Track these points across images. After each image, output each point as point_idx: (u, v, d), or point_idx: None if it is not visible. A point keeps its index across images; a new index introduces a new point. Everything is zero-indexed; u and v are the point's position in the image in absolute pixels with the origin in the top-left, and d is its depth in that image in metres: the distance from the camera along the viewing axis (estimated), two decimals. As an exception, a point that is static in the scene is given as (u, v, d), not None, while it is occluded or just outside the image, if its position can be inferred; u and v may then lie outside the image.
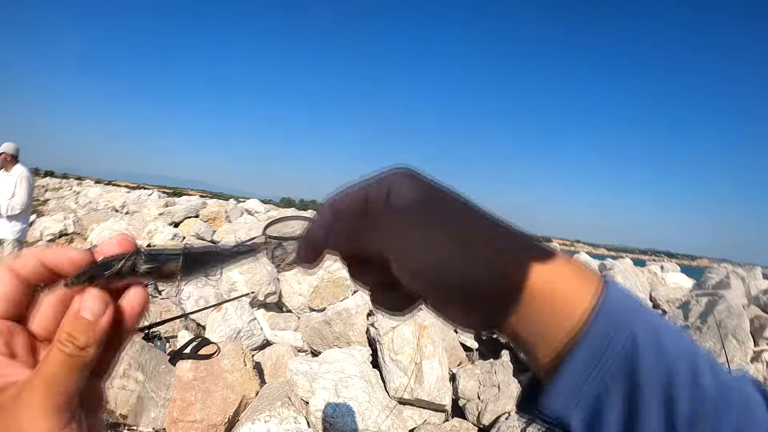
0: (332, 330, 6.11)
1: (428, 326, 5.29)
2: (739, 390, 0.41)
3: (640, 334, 0.40)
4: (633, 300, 0.42)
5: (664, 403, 0.39)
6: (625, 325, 0.40)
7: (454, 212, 0.43)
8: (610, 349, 0.40)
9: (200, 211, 14.38)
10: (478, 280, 0.41)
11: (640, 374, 0.39)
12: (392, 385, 4.95)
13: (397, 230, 0.42)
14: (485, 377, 5.31)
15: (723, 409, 0.40)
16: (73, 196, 25.74)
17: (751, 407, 0.41)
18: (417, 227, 0.41)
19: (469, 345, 6.94)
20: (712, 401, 0.39)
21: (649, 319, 0.41)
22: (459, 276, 0.41)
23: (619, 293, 0.42)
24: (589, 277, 0.43)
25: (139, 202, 18.85)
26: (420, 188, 0.43)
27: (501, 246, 0.42)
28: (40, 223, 12.53)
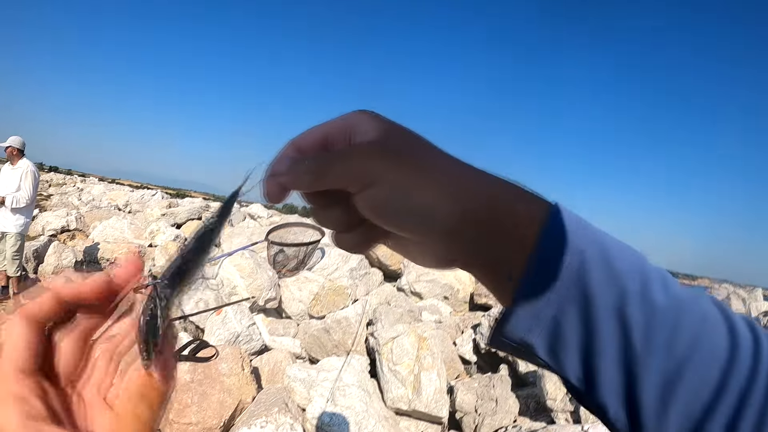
0: (331, 338, 6.09)
1: (428, 338, 5.27)
2: (695, 303, 0.43)
3: (588, 252, 0.42)
4: (580, 220, 0.45)
5: (618, 319, 0.42)
6: (574, 245, 0.43)
7: (414, 146, 0.45)
8: (562, 271, 0.42)
9: (203, 214, 14.38)
10: (436, 207, 0.43)
11: (593, 293, 0.42)
12: (390, 396, 4.92)
13: (360, 163, 0.43)
14: (483, 391, 5.29)
15: (678, 319, 0.42)
16: (77, 192, 25.76)
17: (709, 319, 0.42)
18: (379, 159, 0.43)
19: (468, 358, 6.90)
20: (665, 313, 0.42)
21: (597, 238, 0.44)
22: (419, 204, 0.43)
23: (566, 214, 0.44)
24: (536, 200, 0.46)
25: (142, 202, 18.87)
26: (382, 125, 0.46)
27: (456, 174, 0.45)
28: (43, 218, 12.52)
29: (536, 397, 5.62)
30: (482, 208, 0.44)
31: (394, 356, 5.11)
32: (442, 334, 6.39)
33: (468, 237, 0.44)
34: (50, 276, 8.31)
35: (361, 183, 0.43)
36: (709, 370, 0.41)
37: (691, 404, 0.41)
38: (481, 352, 6.96)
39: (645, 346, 0.41)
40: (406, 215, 0.44)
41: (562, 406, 5.14)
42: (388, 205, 0.43)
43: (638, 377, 0.41)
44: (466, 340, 7.05)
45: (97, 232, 11.40)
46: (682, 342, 0.41)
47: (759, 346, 0.41)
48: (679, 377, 0.41)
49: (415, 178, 0.43)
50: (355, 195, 0.44)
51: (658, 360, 0.41)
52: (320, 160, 0.45)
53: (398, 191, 0.43)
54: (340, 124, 0.47)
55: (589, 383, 0.44)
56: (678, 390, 0.41)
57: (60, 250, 8.79)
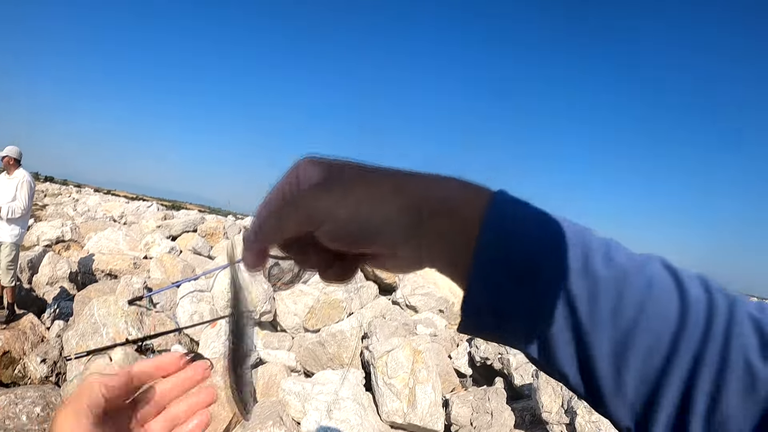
0: (326, 351, 6.08)
1: (423, 351, 5.26)
2: (640, 270, 0.45)
3: (529, 233, 0.45)
4: (521, 203, 0.48)
5: (562, 293, 0.44)
6: (515, 228, 0.46)
7: (351, 175, 0.49)
8: (504, 253, 0.45)
9: (198, 226, 14.36)
10: (383, 218, 0.47)
11: (537, 272, 0.44)
12: (385, 409, 4.91)
13: (307, 205, 0.47)
14: (478, 404, 5.28)
15: (621, 289, 0.43)
16: (72, 203, 25.71)
17: (655, 285, 0.44)
18: (322, 196, 0.47)
19: (463, 371, 6.89)
20: (608, 284, 0.44)
21: (538, 218, 0.47)
22: (368, 222, 0.47)
23: (508, 199, 0.47)
24: (477, 190, 0.49)
25: (137, 213, 18.84)
26: (319, 166, 0.50)
27: (393, 184, 0.48)
28: (38, 228, 12.49)
29: (531, 410, 5.60)
30: (424, 207, 0.47)
31: (389, 369, 5.10)
32: (437, 347, 6.38)
33: (423, 234, 0.47)
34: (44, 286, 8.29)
35: (314, 222, 0.47)
36: (659, 334, 0.43)
37: (645, 369, 0.43)
38: (476, 365, 6.94)
39: (590, 317, 0.44)
40: (362, 236, 0.47)
41: (557, 418, 5.12)
42: (343, 232, 0.47)
43: (589, 347, 0.44)
44: (461, 353, 7.04)
45: (92, 243, 11.37)
46: (628, 310, 0.43)
47: (713, 307, 0.43)
48: (628, 344, 0.43)
49: (359, 201, 0.47)
50: (316, 233, 0.48)
51: (606, 329, 0.43)
52: (277, 215, 0.49)
53: (347, 218, 0.46)
54: (289, 176, 0.51)
55: (546, 356, 0.46)
56: (629, 356, 0.43)
57: (55, 260, 8.76)
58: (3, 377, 5.59)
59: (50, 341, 6.16)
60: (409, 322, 7.17)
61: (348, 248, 0.49)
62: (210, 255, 11.88)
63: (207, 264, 10.23)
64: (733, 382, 0.41)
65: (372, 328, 6.24)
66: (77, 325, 5.69)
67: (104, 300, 5.82)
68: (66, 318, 6.83)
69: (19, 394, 4.50)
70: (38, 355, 5.78)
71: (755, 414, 0.40)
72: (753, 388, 0.40)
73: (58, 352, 5.82)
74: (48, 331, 6.58)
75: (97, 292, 6.89)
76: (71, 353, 5.41)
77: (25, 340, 6.18)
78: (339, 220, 0.47)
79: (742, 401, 0.41)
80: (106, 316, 5.61)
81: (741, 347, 0.41)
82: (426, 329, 7.39)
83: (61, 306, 7.24)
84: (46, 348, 5.92)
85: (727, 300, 0.44)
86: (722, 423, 0.41)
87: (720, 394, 0.41)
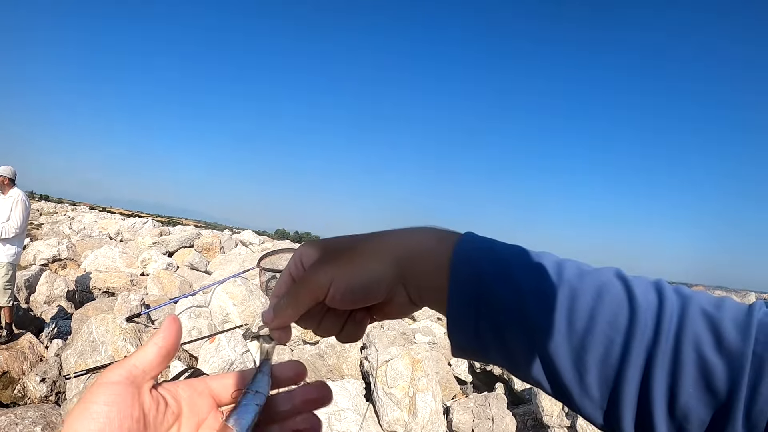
0: (325, 363, 6.07)
1: (422, 360, 5.27)
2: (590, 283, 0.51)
3: (487, 267, 0.54)
4: (484, 241, 0.57)
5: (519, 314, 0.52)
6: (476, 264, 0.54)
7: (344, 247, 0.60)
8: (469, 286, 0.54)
9: (195, 241, 14.36)
10: (377, 274, 0.57)
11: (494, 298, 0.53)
12: (386, 419, 4.90)
13: (314, 278, 0.57)
14: (479, 410, 5.28)
15: (572, 302, 0.50)
16: (68, 221, 25.66)
17: (605, 294, 0.50)
18: (325, 269, 0.57)
19: (463, 378, 6.89)
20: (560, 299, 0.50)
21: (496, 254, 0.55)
22: (366, 279, 0.57)
23: (470, 243, 0.57)
24: (445, 238, 0.58)
25: (133, 230, 18.84)
26: (318, 245, 0.61)
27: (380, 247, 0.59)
28: (34, 247, 12.47)
29: (533, 414, 5.61)
30: (404, 261, 0.58)
31: (388, 379, 5.10)
32: (436, 355, 6.39)
33: (409, 281, 0.58)
34: (42, 305, 8.26)
35: (323, 291, 0.57)
36: (611, 338, 0.48)
37: (604, 371, 0.48)
38: (476, 371, 6.95)
39: (548, 331, 0.50)
40: (364, 290, 0.57)
41: (558, 422, 5.13)
42: (348, 292, 0.57)
43: (551, 357, 0.50)
44: (461, 361, 7.04)
45: (89, 261, 11.35)
46: (580, 319, 0.49)
47: (662, 306, 0.48)
48: (584, 350, 0.49)
49: (352, 266, 0.57)
50: (327, 301, 0.58)
51: (563, 339, 0.50)
52: (291, 293, 0.59)
53: (348, 280, 0.56)
54: (294, 260, 0.62)
55: (517, 368, 0.55)
56: (587, 360, 0.49)
57: (52, 279, 8.74)
58: (3, 397, 5.57)
59: (49, 360, 6.14)
60: (408, 331, 7.17)
61: (354, 305, 0.59)
62: (207, 270, 11.88)
63: (204, 279, 10.22)
64: (689, 376, 0.45)
65: (370, 338, 6.24)
66: (76, 344, 5.68)
67: (102, 318, 5.82)
68: (64, 337, 6.82)
69: (19, 414, 4.49)
70: (37, 374, 5.76)
71: (715, 406, 0.44)
72: (710, 381, 0.44)
73: (58, 371, 5.81)
74: (46, 350, 6.56)
75: (94, 310, 6.88)
76: (70, 372, 5.40)
77: (24, 360, 6.16)
78: (341, 285, 0.56)
79: (700, 394, 0.44)
80: (104, 334, 5.60)
81: (693, 343, 0.45)
82: (425, 338, 7.40)
83: (59, 325, 7.22)
84: (45, 367, 5.90)
85: (681, 300, 0.49)
86: (684, 416, 0.45)
87: (677, 388, 0.45)
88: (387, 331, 6.56)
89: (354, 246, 0.60)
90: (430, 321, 8.37)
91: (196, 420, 0.52)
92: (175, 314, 0.58)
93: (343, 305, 0.58)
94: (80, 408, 0.44)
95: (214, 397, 0.55)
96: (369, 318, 0.63)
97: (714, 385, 0.44)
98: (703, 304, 0.47)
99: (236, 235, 16.96)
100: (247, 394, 0.52)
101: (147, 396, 0.48)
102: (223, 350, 5.71)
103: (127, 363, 0.48)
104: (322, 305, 0.59)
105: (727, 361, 0.44)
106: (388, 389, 5.05)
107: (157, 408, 0.49)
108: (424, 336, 7.46)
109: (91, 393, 0.45)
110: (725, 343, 0.44)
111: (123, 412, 0.45)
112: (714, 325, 0.45)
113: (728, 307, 0.47)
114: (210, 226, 37.34)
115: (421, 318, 8.50)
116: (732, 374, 0.43)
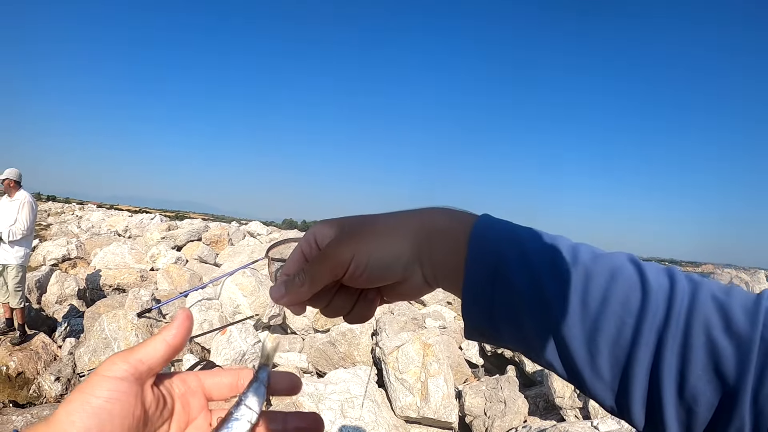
0: (337, 350, 6.10)
1: (432, 345, 5.28)
2: (603, 266, 0.51)
3: (506, 247, 0.54)
4: (501, 222, 0.57)
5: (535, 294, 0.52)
6: (494, 244, 0.55)
7: (362, 223, 0.60)
8: (486, 267, 0.54)
9: (203, 235, 14.40)
10: (397, 249, 0.58)
11: (510, 279, 0.53)
12: (398, 404, 4.93)
13: (335, 255, 0.58)
14: (491, 393, 5.29)
15: (586, 284, 0.50)
16: (76, 220, 25.79)
17: (618, 277, 0.50)
18: (345, 245, 0.58)
19: (474, 361, 6.91)
20: (575, 281, 0.51)
21: (514, 234, 0.55)
22: (386, 254, 0.57)
23: (488, 223, 0.57)
24: (463, 217, 0.59)
25: (141, 226, 18.89)
26: (335, 223, 0.61)
27: (399, 222, 0.59)
28: (43, 248, 12.55)
29: (545, 396, 5.62)
30: (424, 240, 0.58)
31: (400, 365, 5.12)
32: (447, 339, 6.40)
33: (425, 260, 0.58)
34: (54, 305, 8.32)
35: (343, 267, 0.57)
36: (623, 319, 0.48)
37: (615, 352, 0.49)
38: (487, 354, 6.96)
39: (562, 311, 0.50)
40: (384, 267, 0.58)
41: (570, 403, 5.14)
42: (369, 268, 0.57)
43: (565, 338, 0.51)
44: (472, 344, 7.06)
45: (98, 259, 11.42)
46: (593, 301, 0.50)
47: (674, 289, 0.48)
48: (597, 331, 0.49)
49: (373, 242, 0.58)
50: (345, 278, 0.58)
51: (576, 320, 0.50)
52: (307, 271, 0.59)
53: (369, 256, 0.57)
54: (307, 239, 0.62)
55: (530, 350, 0.55)
56: (600, 342, 0.49)
57: (62, 279, 8.81)
58: (19, 398, 5.63)
59: (63, 359, 6.20)
60: (418, 316, 7.19)
61: (373, 283, 0.59)
62: (216, 262, 11.92)
63: (213, 272, 10.27)
64: (698, 359, 0.45)
65: (381, 324, 6.26)
66: (88, 342, 5.73)
67: (113, 314, 5.86)
68: (77, 335, 6.88)
69: (36, 414, 4.54)
70: (52, 373, 5.81)
71: (723, 389, 0.44)
72: (718, 364, 0.44)
73: (72, 369, 5.86)
74: (60, 349, 6.62)
75: (106, 307, 6.93)
76: (84, 370, 5.46)
77: (38, 360, 6.22)
78: (361, 263, 0.57)
79: (709, 376, 0.44)
80: (116, 330, 5.65)
81: (703, 326, 0.45)
82: (435, 322, 7.42)
83: (72, 323, 7.28)
84: (60, 366, 5.95)
85: (692, 285, 0.49)
86: (693, 398, 0.45)
87: (687, 370, 0.45)
88: (397, 316, 6.59)
89: (373, 223, 0.60)
90: (440, 306, 8.39)
91: (186, 419, 0.52)
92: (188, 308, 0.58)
93: (362, 283, 0.59)
94: (80, 400, 0.43)
95: (206, 395, 0.54)
96: (379, 298, 0.64)
97: (722, 369, 0.44)
98: (713, 290, 0.47)
99: (244, 226, 16.98)
100: (240, 407, 0.51)
101: (149, 393, 0.48)
102: (234, 341, 5.75)
103: (132, 357, 0.47)
104: (335, 283, 0.60)
105: (735, 344, 0.44)
106: (399, 375, 5.07)
107: (156, 405, 0.49)
108: (435, 321, 7.48)
109: (92, 385, 0.44)
110: (734, 327, 0.44)
111: (125, 410, 0.44)
112: (723, 309, 0.46)
113: (737, 294, 0.47)
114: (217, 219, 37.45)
115: (431, 303, 8.52)
116: (740, 358, 0.43)
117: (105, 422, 0.43)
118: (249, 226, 16.70)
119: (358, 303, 0.63)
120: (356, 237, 0.58)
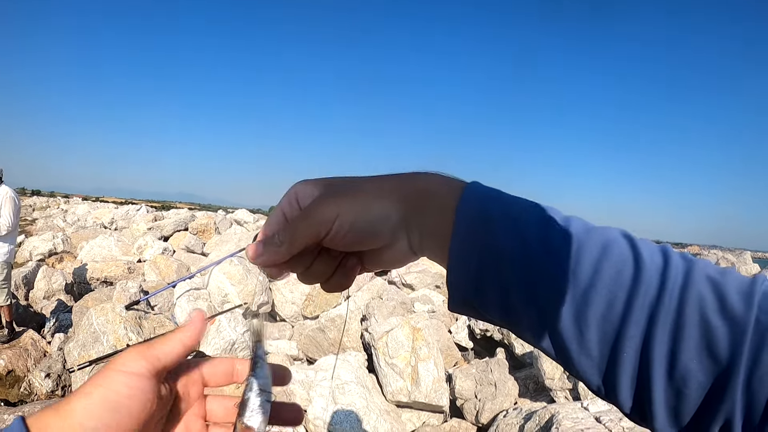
0: (326, 337, 6.12)
1: (422, 329, 5.31)
2: (594, 239, 0.50)
3: (494, 214, 0.52)
4: (490, 190, 0.55)
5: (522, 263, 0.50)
6: (482, 210, 0.53)
7: (346, 183, 0.58)
8: (474, 234, 0.52)
9: (189, 224, 14.35)
10: (383, 211, 0.55)
11: (499, 246, 0.51)
12: (389, 389, 4.97)
13: (317, 213, 0.55)
14: (481, 376, 5.34)
15: (577, 255, 0.49)
16: (61, 214, 25.60)
17: (609, 250, 0.49)
18: (329, 204, 0.55)
19: (464, 345, 6.96)
20: (564, 251, 0.49)
21: (503, 202, 0.54)
22: (372, 216, 0.55)
23: (478, 190, 0.55)
24: (452, 183, 0.57)
25: (127, 218, 18.78)
26: (317, 182, 0.59)
27: (385, 184, 0.57)
28: (29, 243, 12.45)
29: (534, 378, 5.68)
30: (411, 202, 0.56)
31: (389, 350, 5.15)
32: (436, 323, 6.44)
33: (412, 223, 0.56)
34: (41, 301, 8.28)
35: (327, 226, 0.54)
36: (614, 294, 0.47)
37: (604, 327, 0.47)
38: (476, 337, 7.01)
39: (550, 280, 0.49)
40: (370, 228, 0.55)
41: (560, 384, 5.20)
42: (353, 229, 0.54)
43: (552, 309, 0.49)
44: (461, 327, 7.11)
45: (85, 252, 11.35)
46: (584, 272, 0.48)
47: (668, 266, 0.47)
48: (586, 304, 0.47)
49: (359, 201, 0.55)
50: (327, 238, 0.55)
51: (565, 291, 0.48)
52: (288, 230, 0.55)
53: (354, 215, 0.54)
54: (288, 198, 0.59)
55: (516, 324, 0.53)
56: (589, 316, 0.47)
57: (49, 274, 8.75)
58: (10, 396, 5.61)
59: (52, 355, 6.17)
60: (407, 300, 7.22)
61: (357, 246, 0.57)
62: (203, 252, 11.89)
63: (201, 261, 10.24)
64: (691, 338, 0.44)
65: (370, 309, 6.28)
66: (77, 336, 5.71)
67: (101, 308, 5.83)
68: (66, 330, 6.84)
69: (27, 412, 4.51)
70: (42, 370, 5.79)
71: (715, 371, 0.43)
72: (711, 345, 0.43)
73: (62, 365, 5.84)
74: (49, 345, 6.59)
75: (94, 300, 6.89)
76: (74, 365, 5.43)
77: (28, 357, 6.19)
78: (346, 222, 0.54)
79: (701, 357, 0.43)
80: (104, 323, 5.62)
81: (697, 305, 0.44)
82: (424, 306, 7.45)
83: (60, 319, 7.24)
84: (49, 362, 5.93)
85: (686, 263, 0.48)
86: (683, 379, 0.44)
87: (678, 350, 0.44)
88: (386, 301, 6.61)
89: (360, 183, 0.58)
90: (429, 290, 8.42)
91: (185, 407, 0.54)
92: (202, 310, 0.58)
93: (346, 245, 0.56)
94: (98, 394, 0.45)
95: (204, 383, 0.56)
96: (359, 266, 0.61)
97: (715, 350, 0.43)
98: (708, 270, 0.47)
99: (230, 214, 16.91)
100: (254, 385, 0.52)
101: (163, 389, 0.50)
102: (224, 331, 5.74)
103: (150, 354, 0.49)
104: (315, 246, 0.57)
105: (729, 325, 0.43)
106: (389, 360, 5.10)
107: (165, 399, 0.51)
108: (423, 304, 7.51)
109: (109, 379, 0.46)
110: (729, 307, 0.43)
111: (143, 406, 0.46)
112: (718, 289, 0.45)
113: (732, 276, 0.46)
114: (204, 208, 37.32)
115: (420, 287, 8.55)
116: (734, 339, 0.42)
117: (123, 417, 0.45)
118: (236, 214, 16.64)
119: (337, 270, 0.60)
120: (342, 195, 0.55)
